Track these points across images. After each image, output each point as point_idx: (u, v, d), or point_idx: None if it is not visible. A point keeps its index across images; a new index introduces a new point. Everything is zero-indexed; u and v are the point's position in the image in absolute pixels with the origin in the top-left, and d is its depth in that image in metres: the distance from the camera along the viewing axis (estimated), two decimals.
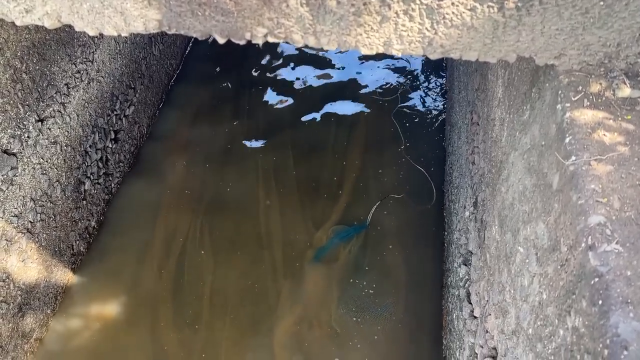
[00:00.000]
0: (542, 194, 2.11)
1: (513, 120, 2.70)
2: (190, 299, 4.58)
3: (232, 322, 4.47)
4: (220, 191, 5.39)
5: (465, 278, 3.54)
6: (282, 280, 4.73)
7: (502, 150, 2.87)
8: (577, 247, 1.70)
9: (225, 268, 4.79)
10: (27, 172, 3.84)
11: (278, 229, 5.10)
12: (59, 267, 4.42)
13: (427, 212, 5.22)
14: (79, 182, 4.57)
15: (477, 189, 3.48)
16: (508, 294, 2.42)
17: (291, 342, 4.36)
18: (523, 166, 2.41)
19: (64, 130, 4.25)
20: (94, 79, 4.60)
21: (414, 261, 4.84)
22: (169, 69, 6.38)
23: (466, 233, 3.72)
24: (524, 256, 2.23)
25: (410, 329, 4.43)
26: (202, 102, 6.31)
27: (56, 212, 4.28)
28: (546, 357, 1.83)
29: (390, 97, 6.39)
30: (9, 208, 3.70)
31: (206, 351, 4.29)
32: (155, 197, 5.31)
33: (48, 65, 3.94)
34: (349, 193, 5.39)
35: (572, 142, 1.92)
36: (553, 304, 1.84)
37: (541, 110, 2.28)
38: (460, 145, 4.46)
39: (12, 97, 3.58)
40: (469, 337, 3.17)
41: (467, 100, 4.39)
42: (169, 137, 5.91)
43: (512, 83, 2.83)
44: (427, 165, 5.59)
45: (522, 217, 2.33)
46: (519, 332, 2.19)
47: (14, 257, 3.83)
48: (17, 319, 3.97)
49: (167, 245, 4.93)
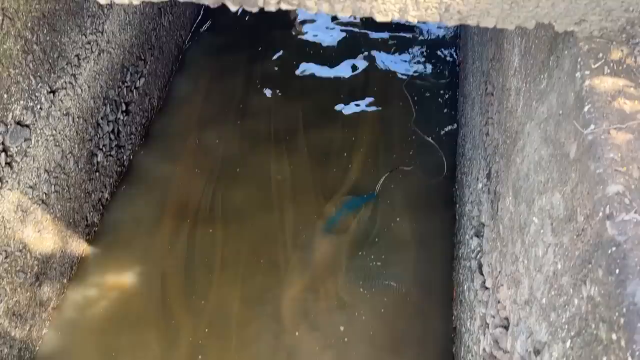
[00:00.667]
0: (558, 163, 2.08)
1: (529, 90, 2.66)
2: (200, 269, 4.64)
3: (242, 291, 4.52)
4: (232, 163, 5.39)
5: (477, 250, 3.54)
6: (291, 251, 4.76)
7: (518, 120, 2.83)
8: (595, 216, 1.69)
9: (235, 239, 4.83)
10: (40, 144, 3.86)
11: (289, 201, 5.12)
12: (73, 237, 4.48)
13: (438, 184, 5.20)
14: (92, 154, 4.59)
15: (491, 160, 3.45)
16: (521, 265, 2.41)
17: (298, 311, 4.42)
18: (539, 136, 2.38)
19: (76, 102, 4.25)
20: (104, 50, 4.58)
21: (424, 233, 4.85)
22: (179, 40, 6.33)
23: (478, 205, 3.71)
24: (539, 226, 2.22)
25: (419, 300, 4.46)
26: (212, 74, 6.27)
27: (70, 184, 4.31)
28: (560, 326, 1.84)
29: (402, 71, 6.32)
30: (23, 179, 3.73)
31: (215, 320, 4.35)
32: (166, 169, 5.34)
33: (58, 36, 3.91)
34: (359, 166, 5.39)
35: (591, 111, 1.88)
36: (568, 273, 1.83)
37: (559, 79, 2.23)
38: (474, 116, 4.41)
39: (23, 68, 3.58)
40: (480, 308, 3.19)
41: (481, 70, 4.32)
42: (179, 110, 5.90)
43: (529, 51, 2.77)
44: (438, 137, 5.55)
45: (537, 188, 2.31)
46: (532, 302, 2.19)
47: (30, 227, 3.88)
48: (35, 288, 4.04)
49: (179, 217, 4.97)
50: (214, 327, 4.31)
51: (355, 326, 4.30)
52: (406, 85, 6.08)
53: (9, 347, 3.85)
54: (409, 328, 4.30)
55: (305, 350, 4.20)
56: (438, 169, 5.29)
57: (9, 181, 3.57)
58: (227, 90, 6.09)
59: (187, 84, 6.16)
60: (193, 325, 4.32)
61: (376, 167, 5.35)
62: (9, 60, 3.42)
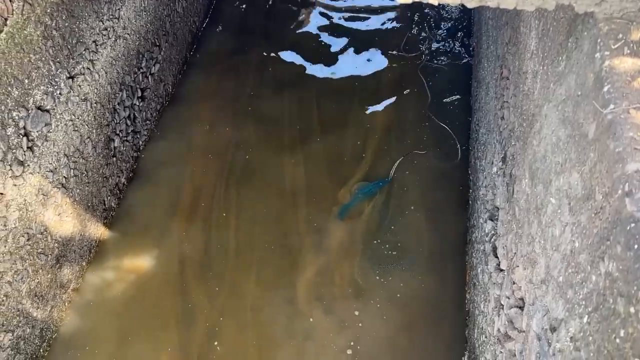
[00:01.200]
0: (577, 144, 2.10)
1: (547, 72, 2.66)
2: (216, 253, 4.70)
3: (257, 275, 4.58)
4: (246, 148, 5.44)
5: (491, 233, 3.57)
6: (306, 237, 4.81)
7: (535, 103, 2.84)
8: (613, 194, 1.71)
9: (251, 223, 4.89)
10: (60, 129, 3.93)
11: (303, 187, 5.16)
12: (92, 221, 4.56)
13: (451, 169, 5.22)
14: (109, 139, 4.66)
15: (507, 143, 3.46)
16: (538, 245, 2.44)
17: (313, 295, 4.47)
18: (557, 117, 2.40)
19: (93, 88, 4.31)
20: (120, 36, 4.62)
21: (437, 218, 4.88)
22: (193, 26, 6.35)
23: (493, 189, 3.73)
24: (556, 207, 2.24)
25: (432, 283, 4.50)
26: (225, 61, 6.30)
27: (88, 168, 4.39)
28: (577, 302, 1.87)
29: (414, 54, 6.31)
30: (44, 163, 3.80)
31: (231, 303, 4.42)
32: (181, 154, 5.39)
33: (76, 22, 3.96)
34: (374, 152, 5.41)
35: (611, 91, 1.89)
36: (586, 251, 1.86)
37: (578, 60, 2.24)
38: (488, 101, 4.41)
39: (43, 54, 3.63)
40: (494, 290, 3.22)
41: (496, 54, 4.31)
42: (193, 96, 5.95)
43: (546, 34, 2.77)
44: (452, 123, 5.55)
45: (554, 169, 2.33)
46: (549, 281, 2.22)
47: (50, 210, 3.96)
48: (55, 270, 4.13)
49: (194, 201, 5.04)
50: (229, 310, 4.39)
51: (369, 309, 4.36)
52: (421, 70, 6.09)
53: (31, 327, 3.95)
54: (423, 312, 4.35)
55: (320, 333, 4.26)
56: (452, 154, 5.31)
57: (31, 165, 3.64)
58: (240, 76, 6.13)
59: (200, 71, 6.19)
60: (209, 307, 4.40)
61: (390, 152, 5.38)
62: (30, 45, 3.48)
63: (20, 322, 3.80)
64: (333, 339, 4.23)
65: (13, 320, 3.72)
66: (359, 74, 6.15)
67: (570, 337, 1.89)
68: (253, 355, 4.16)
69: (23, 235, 3.67)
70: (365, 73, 6.16)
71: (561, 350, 1.98)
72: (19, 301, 3.75)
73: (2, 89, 3.25)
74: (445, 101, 5.72)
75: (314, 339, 4.24)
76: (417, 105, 5.76)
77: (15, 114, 3.40)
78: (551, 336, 2.11)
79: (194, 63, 6.27)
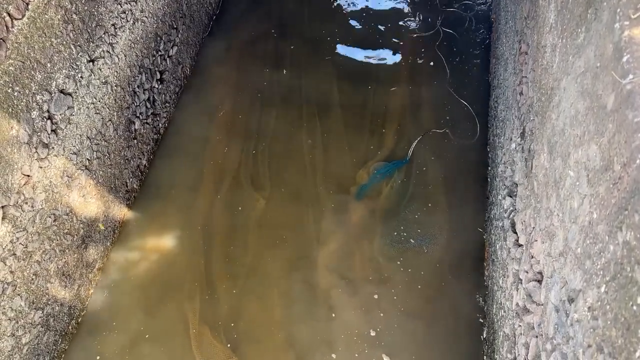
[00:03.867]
0: (595, 116, 2.09)
1: (566, 45, 2.64)
2: (237, 232, 4.78)
3: (279, 254, 4.66)
4: (266, 131, 5.48)
5: (510, 209, 3.57)
6: (325, 217, 4.86)
7: (554, 76, 2.81)
8: (632, 164, 1.71)
9: (272, 203, 4.95)
10: (82, 112, 4.00)
11: (321, 166, 5.20)
12: (115, 202, 4.66)
13: (470, 147, 5.20)
14: (129, 121, 4.73)
15: (525, 119, 3.44)
16: (556, 218, 2.45)
17: (334, 272, 4.53)
18: (576, 90, 2.38)
19: (113, 71, 4.37)
20: (138, 19, 4.67)
21: (456, 196, 4.88)
22: (209, 8, 6.37)
23: (512, 165, 3.72)
24: (574, 179, 2.24)
25: (452, 260, 4.53)
26: (243, 42, 6.32)
27: (110, 151, 4.47)
28: (595, 272, 1.88)
29: (432, 32, 6.25)
30: (68, 146, 3.89)
31: (253, 281, 4.51)
32: (201, 136, 5.45)
33: (95, 5, 4.01)
34: (392, 129, 5.41)
35: (630, 61, 1.88)
36: (604, 222, 1.87)
37: (597, 31, 2.22)
38: (507, 77, 4.37)
39: (64, 37, 3.69)
40: (513, 265, 3.24)
41: (514, 30, 4.26)
42: (211, 78, 5.99)
43: (565, 6, 2.74)
44: (470, 100, 5.51)
45: (573, 142, 2.32)
46: (567, 253, 2.23)
47: (75, 192, 4.07)
48: (82, 250, 4.25)
49: (215, 183, 5.11)
50: (251, 288, 4.47)
51: (389, 289, 4.40)
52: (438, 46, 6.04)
53: (60, 305, 4.08)
54: (442, 288, 4.38)
55: (340, 309, 4.33)
56: (471, 132, 5.28)
57: (55, 147, 3.73)
58: (257, 58, 6.14)
59: (217, 52, 6.22)
60: (231, 286, 4.49)
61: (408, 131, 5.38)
62: (51, 30, 3.54)
63: (49, 300, 3.94)
64: (356, 319, 4.29)
65: (42, 298, 3.86)
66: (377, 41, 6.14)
67: (588, 307, 1.91)
68: (275, 329, 4.25)
69: (50, 216, 3.78)
70: (383, 50, 6.14)
71: (579, 320, 2.00)
72: (47, 280, 3.88)
73: (26, 73, 3.33)
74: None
75: (337, 320, 4.31)
76: (436, 83, 5.73)
77: (39, 97, 3.48)
78: (569, 307, 2.13)
79: (212, 44, 6.29)
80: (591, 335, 1.86)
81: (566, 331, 2.14)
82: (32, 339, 3.81)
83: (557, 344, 2.25)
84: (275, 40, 6.33)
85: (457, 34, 6.17)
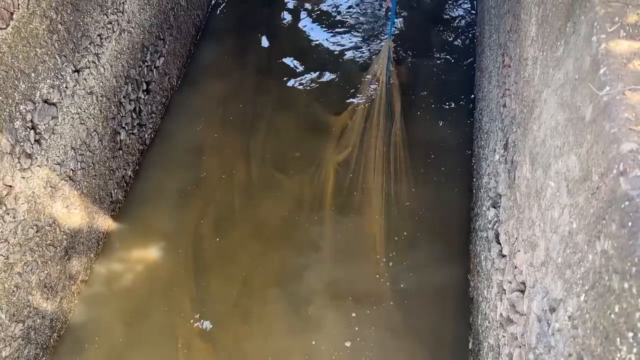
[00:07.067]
0: (574, 127, 2.12)
1: (546, 58, 2.68)
2: (227, 241, 4.75)
3: (269, 263, 4.64)
4: (255, 145, 5.48)
5: (494, 220, 3.60)
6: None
7: (535, 89, 2.86)
8: (609, 174, 1.73)
9: (261, 213, 4.94)
10: (66, 122, 3.98)
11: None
12: (99, 213, 4.62)
13: (455, 162, 5.23)
14: (115, 132, 4.71)
15: (508, 130, 3.48)
16: (538, 228, 2.47)
17: (331, 269, 4.55)
18: (556, 102, 2.42)
19: (99, 81, 4.36)
20: (124, 29, 4.67)
21: (441, 207, 4.90)
22: (196, 19, 6.39)
23: (496, 176, 3.75)
24: (555, 190, 2.27)
25: (436, 276, 4.52)
26: (229, 53, 6.34)
27: (95, 161, 4.44)
28: (574, 281, 1.90)
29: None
30: (52, 156, 3.86)
31: (244, 292, 4.48)
32: (187, 148, 5.44)
33: (81, 15, 4.01)
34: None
35: (607, 73, 1.91)
36: (583, 231, 1.89)
37: (576, 44, 2.26)
38: (491, 89, 4.42)
39: (49, 47, 3.68)
40: (497, 275, 3.25)
41: (498, 43, 4.32)
42: (198, 89, 5.99)
43: (546, 20, 2.79)
44: (455, 115, 5.56)
45: (553, 152, 2.36)
46: (548, 263, 2.25)
47: (59, 203, 4.03)
48: (64, 262, 4.20)
49: (202, 194, 5.09)
50: (239, 301, 4.44)
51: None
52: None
53: (42, 318, 4.02)
54: (429, 304, 4.38)
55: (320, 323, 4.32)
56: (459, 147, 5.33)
57: (39, 158, 3.70)
58: (244, 68, 6.15)
59: (204, 63, 6.23)
60: (221, 298, 4.45)
61: None
62: (36, 39, 3.53)
63: (30, 313, 3.88)
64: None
65: (24, 310, 3.80)
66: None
67: (569, 316, 1.93)
68: (255, 343, 4.22)
69: (32, 227, 3.73)
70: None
71: (560, 330, 2.01)
72: (29, 292, 3.82)
73: (9, 83, 3.31)
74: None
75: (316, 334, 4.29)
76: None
77: (22, 107, 3.46)
78: (550, 316, 2.14)
79: (199, 55, 6.30)
80: (571, 345, 1.87)
81: (548, 341, 2.15)
82: (13, 352, 3.75)
83: (539, 353, 2.26)
84: (264, 51, 6.36)
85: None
